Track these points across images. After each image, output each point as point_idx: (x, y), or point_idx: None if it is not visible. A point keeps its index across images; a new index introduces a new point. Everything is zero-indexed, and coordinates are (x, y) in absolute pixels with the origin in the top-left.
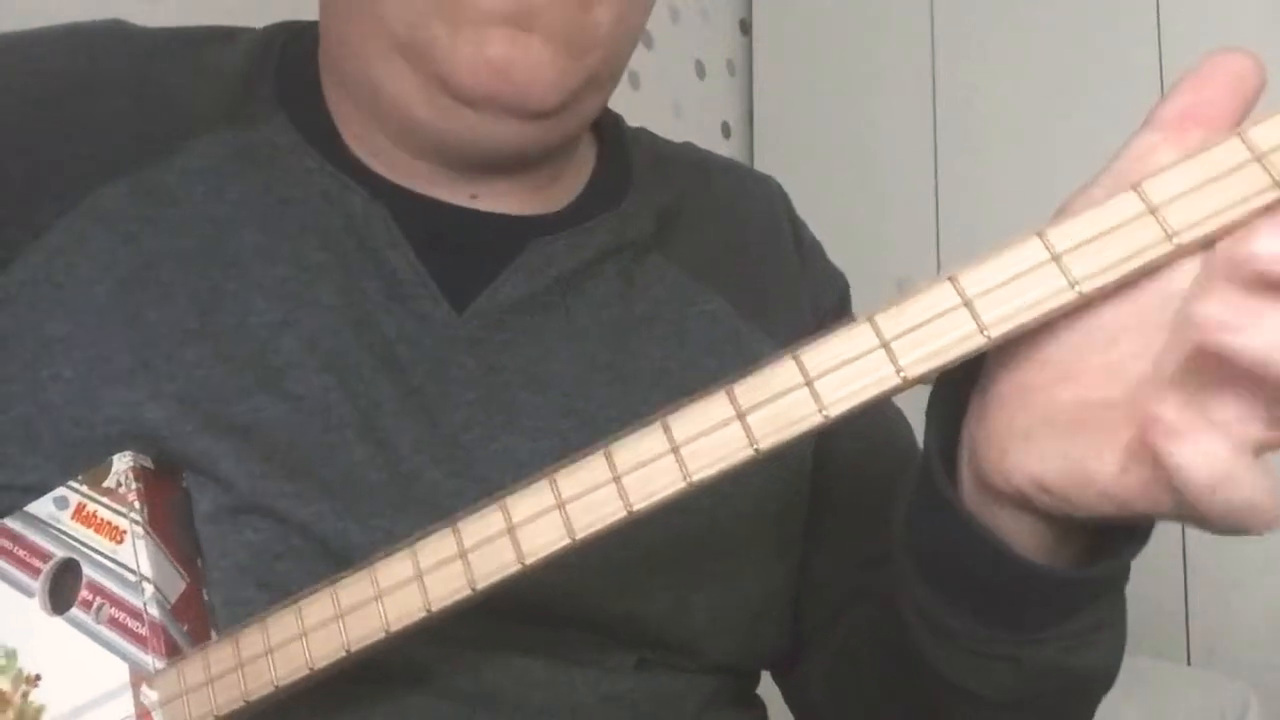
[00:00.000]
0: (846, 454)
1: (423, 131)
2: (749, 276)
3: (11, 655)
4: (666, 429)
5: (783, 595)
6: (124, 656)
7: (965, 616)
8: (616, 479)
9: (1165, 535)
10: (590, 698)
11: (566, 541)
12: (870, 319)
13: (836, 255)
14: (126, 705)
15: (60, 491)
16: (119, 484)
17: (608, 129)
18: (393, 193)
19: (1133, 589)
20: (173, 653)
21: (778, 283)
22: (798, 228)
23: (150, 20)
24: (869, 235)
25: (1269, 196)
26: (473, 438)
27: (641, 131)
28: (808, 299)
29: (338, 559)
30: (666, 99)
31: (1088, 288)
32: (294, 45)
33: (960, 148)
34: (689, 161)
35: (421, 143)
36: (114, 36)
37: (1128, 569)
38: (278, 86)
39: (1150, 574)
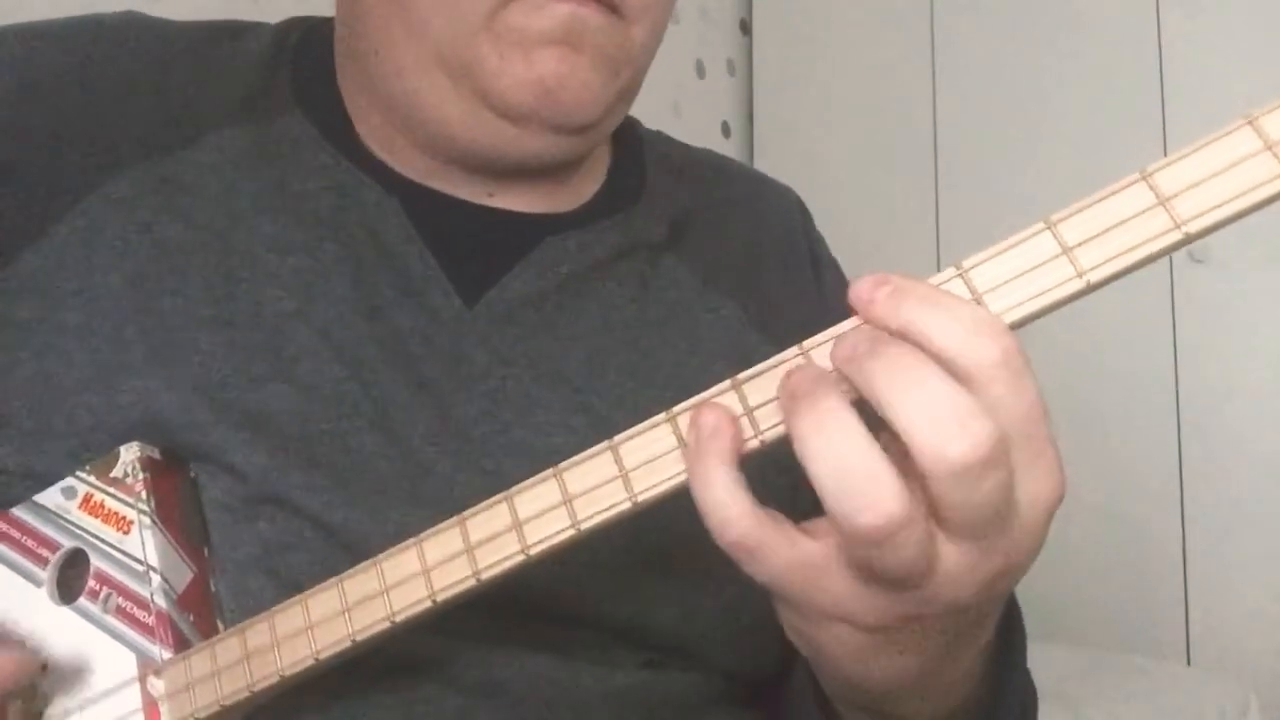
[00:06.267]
0: None
1: (456, 142)
2: (761, 286)
3: (20, 645)
4: (673, 422)
5: None
6: (131, 646)
7: None
8: (623, 475)
9: (1165, 535)
10: (596, 693)
11: (571, 533)
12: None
13: (836, 255)
14: (134, 697)
15: (68, 482)
16: (126, 474)
17: (623, 132)
18: (407, 188)
19: (1133, 589)
20: (179, 642)
21: (790, 295)
22: (814, 242)
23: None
24: (869, 235)
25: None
26: (484, 431)
27: (659, 136)
28: (819, 315)
29: (348, 550)
30: (666, 99)
31: (1095, 277)
32: (309, 40)
33: (960, 148)
34: (706, 167)
35: (449, 150)
36: (131, 28)
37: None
38: (293, 81)
39: (1150, 574)
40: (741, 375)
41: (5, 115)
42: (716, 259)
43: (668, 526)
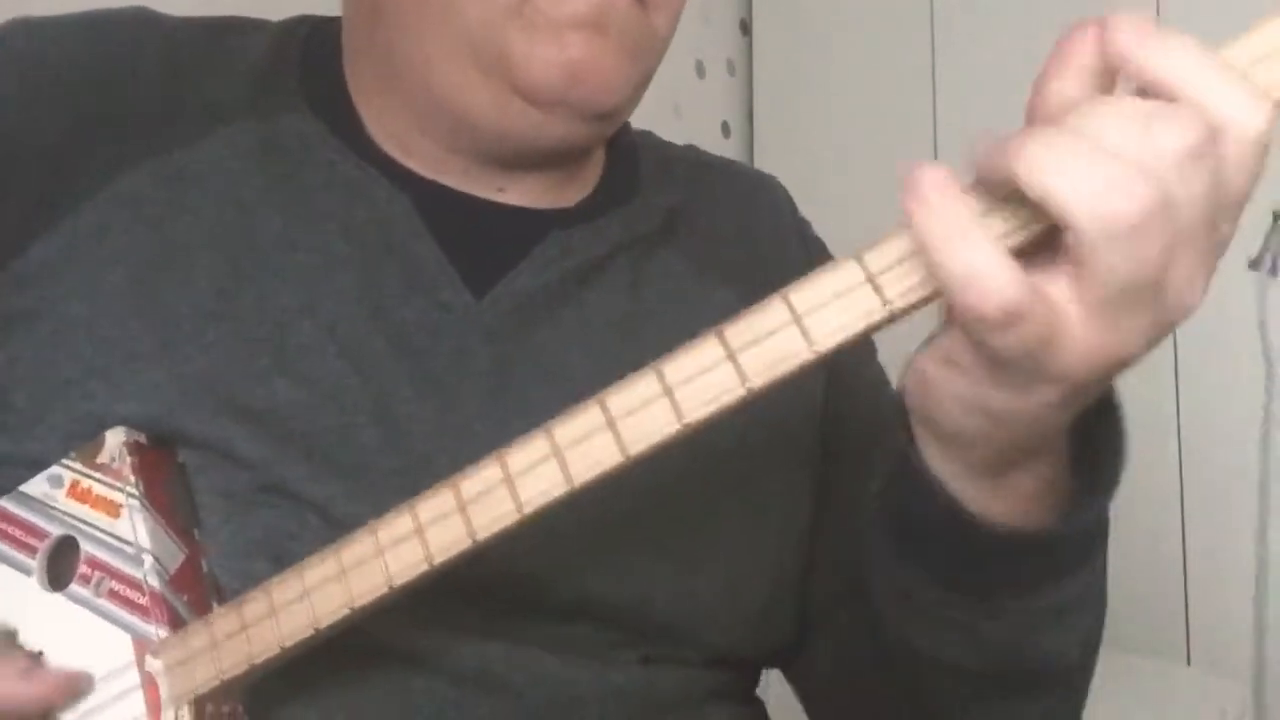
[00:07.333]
0: (853, 443)
1: (478, 132)
2: (755, 273)
3: (12, 634)
4: (659, 373)
5: (789, 582)
6: (126, 628)
7: (924, 580)
8: (611, 423)
9: (1165, 535)
10: (593, 690)
11: (565, 488)
12: (857, 255)
13: (835, 254)
14: (132, 675)
15: (54, 470)
16: (113, 459)
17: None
18: (417, 184)
19: (1133, 589)
20: (174, 623)
21: (783, 280)
22: (802, 226)
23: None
24: (869, 235)
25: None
26: (485, 426)
27: (646, 134)
28: None
29: None
30: (666, 99)
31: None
32: (316, 37)
33: (960, 148)
34: (693, 164)
35: (470, 140)
36: (140, 23)
37: (1084, 550)
38: (301, 78)
39: (1150, 574)
40: (739, 315)
41: (15, 110)
42: (710, 249)
43: (664, 508)
